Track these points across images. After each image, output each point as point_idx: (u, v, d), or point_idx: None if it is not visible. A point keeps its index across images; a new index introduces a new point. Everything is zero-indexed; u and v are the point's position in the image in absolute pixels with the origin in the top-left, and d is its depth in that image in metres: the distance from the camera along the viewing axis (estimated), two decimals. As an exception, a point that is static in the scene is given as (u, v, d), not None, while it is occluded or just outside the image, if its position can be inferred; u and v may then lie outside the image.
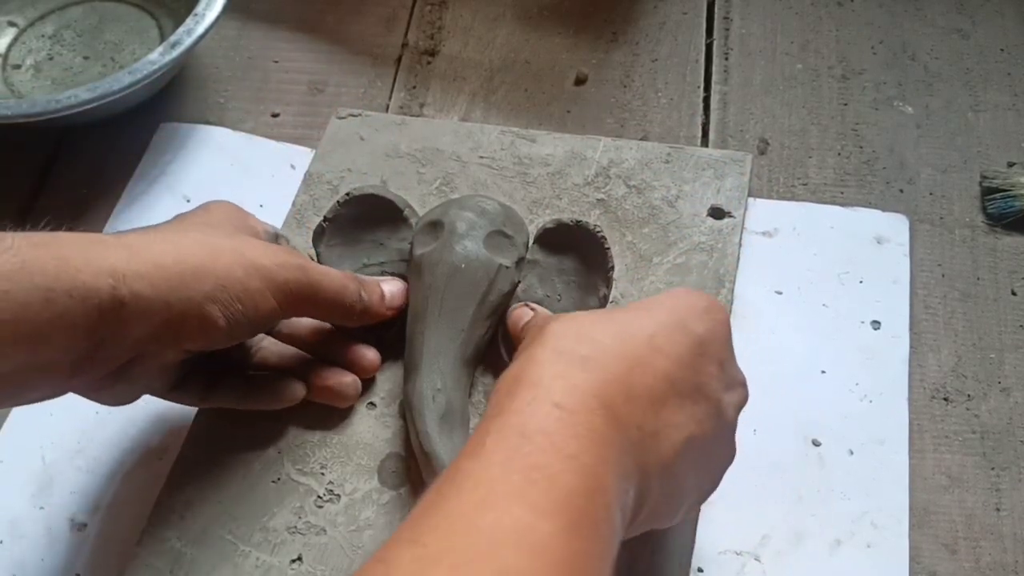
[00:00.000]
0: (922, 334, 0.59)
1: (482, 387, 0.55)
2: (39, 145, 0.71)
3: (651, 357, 0.40)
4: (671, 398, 0.40)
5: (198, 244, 0.46)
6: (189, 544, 0.50)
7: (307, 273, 0.48)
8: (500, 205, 0.56)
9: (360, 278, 0.52)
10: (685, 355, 0.40)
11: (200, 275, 0.45)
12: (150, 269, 0.43)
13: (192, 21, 0.67)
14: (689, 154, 0.64)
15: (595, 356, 0.39)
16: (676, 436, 0.39)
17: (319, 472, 0.52)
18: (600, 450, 0.36)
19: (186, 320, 0.45)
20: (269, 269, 0.47)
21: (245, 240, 0.48)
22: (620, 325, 0.41)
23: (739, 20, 0.76)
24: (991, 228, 0.64)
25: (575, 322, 0.41)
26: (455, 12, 0.78)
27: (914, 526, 0.52)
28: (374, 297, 0.52)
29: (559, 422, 0.36)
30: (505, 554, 0.31)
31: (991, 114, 0.70)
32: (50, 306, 0.41)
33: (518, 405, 0.37)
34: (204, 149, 0.69)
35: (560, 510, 0.33)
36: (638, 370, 0.39)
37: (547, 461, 0.34)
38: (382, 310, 0.53)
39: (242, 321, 0.46)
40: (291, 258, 0.49)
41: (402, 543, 0.33)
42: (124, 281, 0.42)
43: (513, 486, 0.33)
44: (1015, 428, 0.56)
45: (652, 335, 0.40)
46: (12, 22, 0.76)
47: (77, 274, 0.41)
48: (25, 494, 0.54)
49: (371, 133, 0.66)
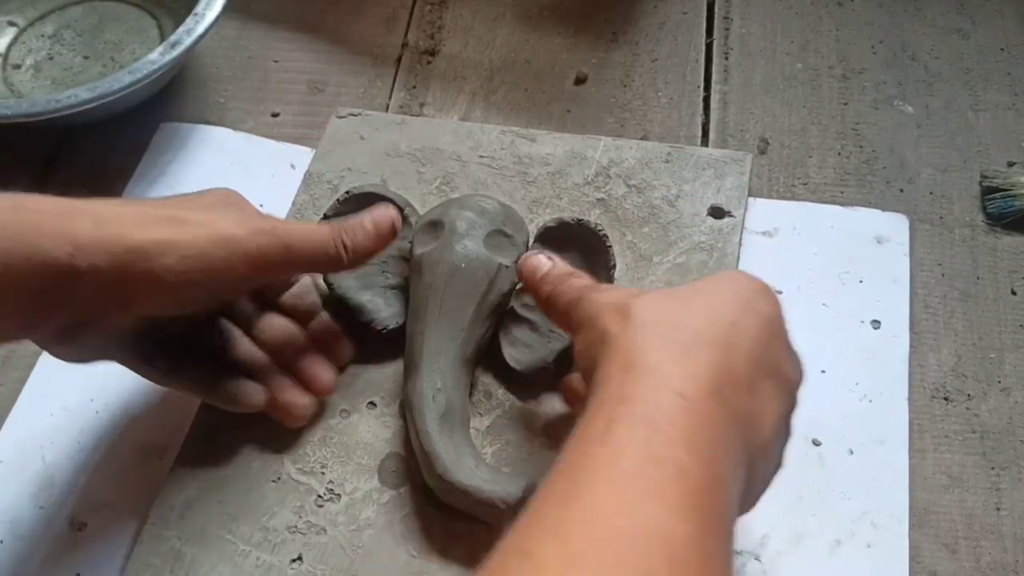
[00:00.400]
0: (922, 334, 0.59)
1: (482, 387, 0.55)
2: (39, 145, 0.71)
3: (738, 341, 0.40)
4: (760, 380, 0.40)
5: (166, 217, 0.46)
6: (189, 544, 0.50)
7: (279, 236, 0.48)
8: (500, 204, 0.56)
9: (341, 224, 0.51)
10: (762, 336, 0.41)
11: (163, 248, 0.44)
12: (112, 240, 0.43)
13: (192, 21, 0.67)
14: (689, 154, 0.64)
15: (696, 343, 0.39)
16: (770, 418, 0.40)
17: (319, 471, 0.52)
18: (719, 440, 0.37)
19: (139, 288, 0.45)
20: (238, 237, 0.46)
21: (215, 210, 0.47)
22: (703, 309, 0.41)
23: (739, 20, 0.76)
24: (991, 228, 0.64)
25: (661, 306, 0.42)
26: (455, 12, 0.78)
27: (914, 526, 0.52)
28: (359, 236, 0.50)
29: (684, 411, 0.36)
30: (646, 558, 0.32)
31: (991, 114, 0.70)
32: (8, 269, 0.41)
33: (641, 391, 0.37)
34: (204, 149, 0.69)
35: (693, 508, 0.34)
36: (733, 355, 0.40)
37: (677, 454, 0.35)
38: (371, 243, 0.51)
39: (199, 292, 0.47)
40: (262, 222, 0.48)
41: (545, 535, 0.33)
42: (84, 252, 0.43)
43: (648, 481, 0.34)
44: (1015, 428, 0.56)
45: (733, 320, 0.41)
46: (12, 22, 0.75)
47: (40, 239, 0.42)
48: (25, 494, 0.54)
49: (371, 133, 0.66)
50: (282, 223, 0.50)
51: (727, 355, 0.39)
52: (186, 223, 0.46)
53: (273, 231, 0.47)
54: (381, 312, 0.55)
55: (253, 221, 0.48)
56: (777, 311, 0.43)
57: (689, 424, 0.36)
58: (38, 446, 0.56)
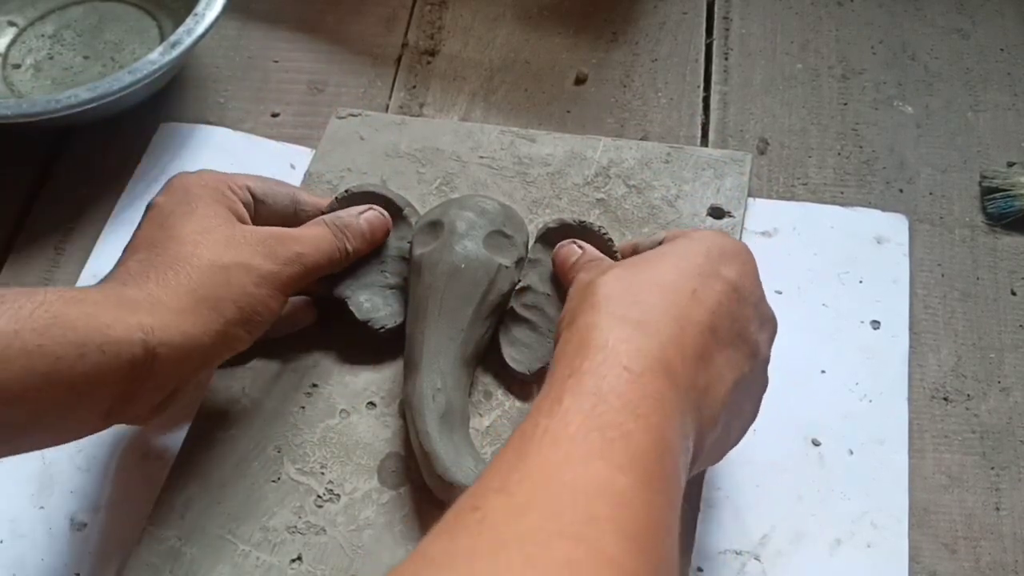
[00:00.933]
0: (922, 334, 0.59)
1: (482, 387, 0.55)
2: (39, 145, 0.71)
3: (696, 312, 0.42)
4: (716, 350, 0.42)
5: (208, 273, 0.47)
6: (189, 544, 0.50)
7: (304, 261, 0.51)
8: (500, 205, 0.56)
9: (342, 224, 0.54)
10: (724, 304, 0.43)
11: (219, 306, 0.47)
12: (175, 317, 0.45)
13: (192, 21, 0.67)
14: (689, 154, 0.64)
15: (649, 320, 0.41)
16: (722, 388, 0.42)
17: (319, 472, 0.52)
18: (665, 411, 0.38)
19: (216, 348, 0.47)
20: (275, 273, 0.49)
21: (243, 245, 0.49)
22: (663, 283, 0.43)
23: (739, 20, 0.76)
24: (991, 228, 0.64)
25: (621, 283, 0.43)
26: (455, 12, 0.78)
27: (914, 526, 0.52)
28: (357, 241, 0.54)
29: (629, 384, 0.38)
30: (590, 504, 0.34)
31: (991, 114, 0.70)
32: (83, 361, 0.42)
33: (589, 366, 0.39)
34: (204, 149, 0.69)
35: (635, 465, 0.36)
36: (687, 329, 0.41)
37: (621, 420, 0.37)
38: (366, 248, 0.55)
39: (261, 326, 0.49)
40: (287, 250, 0.51)
41: (490, 492, 0.35)
42: (154, 333, 0.44)
43: (592, 444, 0.36)
44: (1015, 428, 0.56)
45: (693, 290, 0.42)
46: (12, 22, 0.76)
47: (108, 330, 0.43)
48: (25, 494, 0.54)
49: (371, 133, 0.66)
50: (297, 240, 0.52)
51: (680, 331, 0.41)
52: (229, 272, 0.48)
53: (299, 259, 0.51)
54: (379, 312, 0.55)
55: (276, 249, 0.50)
56: (746, 272, 0.45)
57: (635, 395, 0.38)
58: (38, 446, 0.56)
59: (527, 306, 0.54)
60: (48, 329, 0.41)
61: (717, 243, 0.45)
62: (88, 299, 0.44)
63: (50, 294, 0.43)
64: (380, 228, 0.56)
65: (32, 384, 0.41)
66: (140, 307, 0.45)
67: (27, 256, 0.65)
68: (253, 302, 0.48)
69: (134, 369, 0.44)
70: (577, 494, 0.34)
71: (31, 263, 0.64)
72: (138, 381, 0.44)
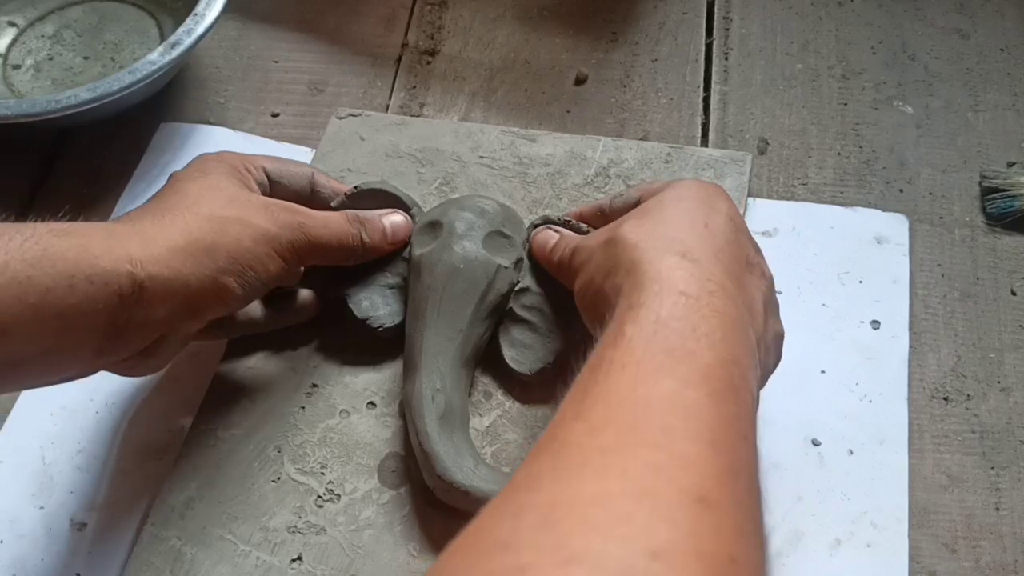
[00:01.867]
0: (922, 334, 0.59)
1: (482, 387, 0.55)
2: (39, 145, 0.71)
3: (717, 242, 0.44)
4: (743, 272, 0.44)
5: (206, 220, 0.48)
6: (189, 543, 0.50)
7: (307, 230, 0.51)
8: (499, 205, 0.56)
9: (361, 217, 0.55)
10: (731, 233, 0.45)
11: (212, 251, 0.47)
12: (164, 253, 0.45)
13: (192, 21, 0.67)
14: (689, 154, 0.64)
15: (687, 250, 0.43)
16: (760, 302, 0.45)
17: (319, 472, 0.52)
18: (726, 327, 0.40)
19: (205, 295, 0.47)
20: (273, 233, 0.49)
21: (247, 205, 0.50)
22: (679, 219, 0.45)
23: (739, 20, 0.76)
24: (991, 228, 0.64)
25: (643, 227, 0.45)
26: (455, 12, 0.78)
27: (914, 526, 0.52)
28: (376, 236, 0.55)
29: (687, 307, 0.40)
30: (662, 417, 0.35)
31: (991, 114, 0.70)
32: (72, 292, 0.42)
33: (646, 297, 0.40)
34: (204, 149, 0.69)
35: (703, 380, 0.37)
36: (719, 254, 0.43)
37: (683, 342, 0.38)
38: (385, 246, 0.55)
39: (256, 285, 0.49)
40: (291, 217, 0.51)
41: (567, 421, 0.36)
42: (142, 266, 0.44)
43: (658, 364, 0.37)
44: (1015, 428, 0.56)
45: (705, 222, 0.45)
46: (12, 22, 0.76)
47: (97, 261, 0.43)
48: (25, 494, 0.54)
49: (371, 133, 0.66)
50: (303, 213, 0.52)
51: (717, 255, 0.43)
52: (226, 223, 0.48)
53: (301, 227, 0.51)
54: (378, 311, 0.55)
55: (278, 214, 0.50)
56: (731, 205, 0.47)
57: (694, 317, 0.39)
58: (38, 446, 0.56)
59: (526, 307, 0.54)
60: (38, 261, 0.42)
61: (698, 184, 0.48)
62: (78, 232, 0.44)
63: (40, 227, 0.43)
64: (402, 229, 0.56)
65: (23, 316, 0.41)
66: (130, 240, 0.45)
67: (27, 256, 0.65)
68: (248, 256, 0.48)
69: (121, 300, 0.44)
70: (650, 409, 0.35)
71: (31, 263, 0.64)
72: (126, 313, 0.44)
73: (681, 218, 0.45)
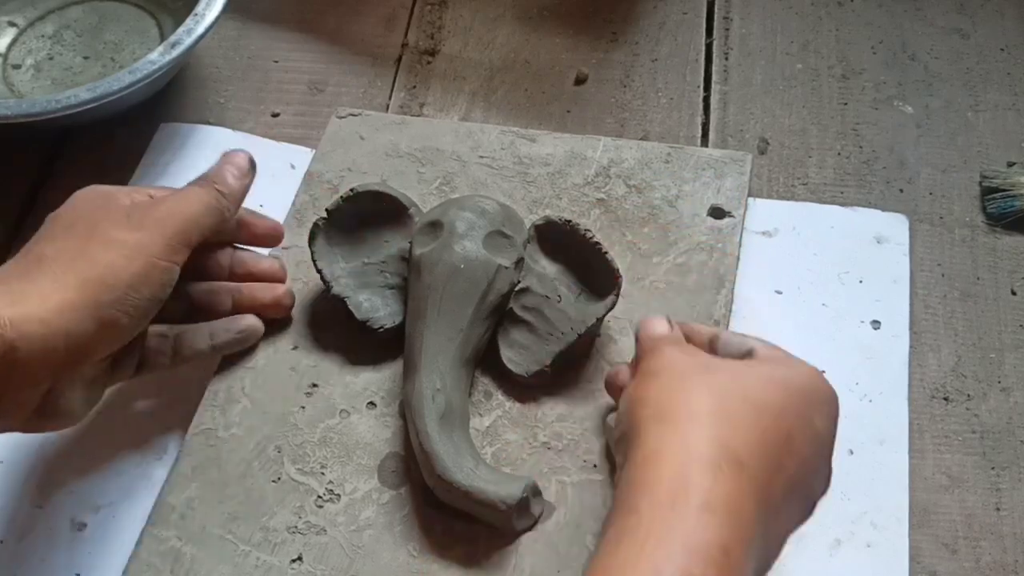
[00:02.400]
0: (922, 334, 0.59)
1: (482, 387, 0.55)
2: (39, 145, 0.71)
3: (787, 460, 0.39)
4: (791, 501, 0.40)
5: (70, 259, 0.45)
6: (189, 543, 0.50)
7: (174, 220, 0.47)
8: (500, 205, 0.56)
9: (207, 176, 0.51)
10: (809, 457, 0.40)
11: (84, 288, 0.44)
12: (35, 307, 0.43)
13: (192, 21, 0.67)
14: (689, 154, 0.64)
15: (747, 459, 0.38)
16: (778, 543, 0.40)
17: (319, 472, 0.52)
18: None
19: (88, 337, 0.44)
20: (142, 241, 0.46)
21: (106, 223, 0.46)
22: (764, 412, 0.40)
23: (739, 20, 0.76)
24: (991, 228, 0.64)
25: (721, 394, 0.40)
26: (455, 12, 0.78)
27: (914, 526, 0.52)
28: (229, 182, 0.51)
29: (720, 571, 0.35)
30: None
31: (991, 114, 0.70)
32: None
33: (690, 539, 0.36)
34: (204, 149, 0.69)
35: None
36: (776, 475, 0.39)
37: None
38: (242, 183, 0.52)
39: (143, 304, 0.46)
40: (150, 214, 0.47)
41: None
42: (11, 325, 0.41)
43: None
44: (1015, 428, 0.56)
45: (790, 433, 0.40)
46: (12, 22, 0.75)
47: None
48: (25, 494, 0.54)
49: (371, 133, 0.66)
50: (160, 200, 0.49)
51: (771, 475, 0.38)
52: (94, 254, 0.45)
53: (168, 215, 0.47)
54: (379, 312, 0.55)
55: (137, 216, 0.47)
56: (832, 426, 0.42)
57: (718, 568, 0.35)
58: (38, 446, 0.56)
59: (526, 308, 0.54)
60: None
61: (815, 384, 0.42)
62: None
63: None
64: (242, 160, 0.53)
65: None
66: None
67: (27, 256, 0.65)
68: (126, 277, 0.45)
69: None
70: None
71: (31, 263, 0.64)
72: (2, 378, 0.42)
73: (768, 412, 0.40)
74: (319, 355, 0.56)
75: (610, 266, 0.53)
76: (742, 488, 0.37)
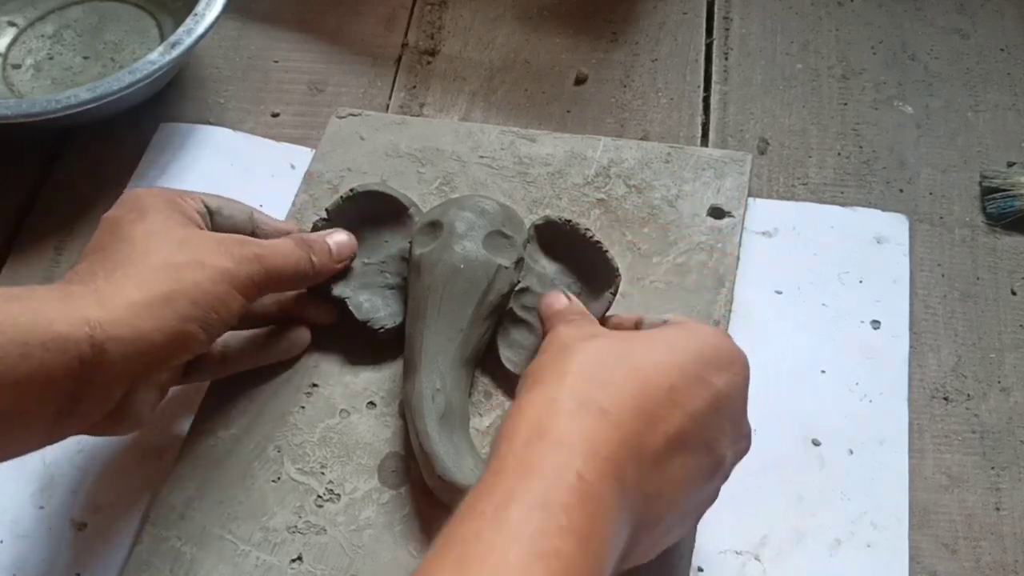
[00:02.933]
0: (922, 334, 0.59)
1: (482, 387, 0.55)
2: (39, 145, 0.71)
3: (668, 412, 0.40)
4: (679, 454, 0.40)
5: (161, 270, 0.46)
6: (189, 543, 0.50)
7: (263, 262, 0.50)
8: (500, 205, 0.56)
9: (307, 240, 0.54)
10: (701, 410, 0.41)
11: (172, 301, 0.45)
12: (123, 311, 0.44)
13: (192, 21, 0.67)
14: (689, 154, 0.64)
15: (615, 409, 0.39)
16: (674, 495, 0.40)
17: (319, 472, 0.52)
18: (608, 528, 0.36)
19: (168, 346, 0.46)
20: (232, 271, 0.48)
21: (199, 245, 0.48)
22: (642, 369, 0.41)
23: (739, 20, 0.76)
24: (991, 228, 0.64)
25: (599, 357, 0.41)
26: (455, 12, 0.78)
27: (914, 526, 0.52)
28: (323, 257, 0.54)
29: (581, 498, 0.36)
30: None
31: (991, 114, 0.70)
32: (26, 359, 0.41)
33: (542, 465, 0.37)
34: (204, 149, 0.69)
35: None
36: (652, 427, 0.39)
37: (565, 546, 0.35)
38: (332, 266, 0.55)
39: (218, 326, 0.48)
40: (246, 250, 0.50)
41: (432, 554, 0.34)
42: (101, 328, 0.43)
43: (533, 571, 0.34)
44: (1015, 428, 0.56)
45: (672, 386, 0.40)
46: (12, 22, 0.75)
47: (51, 326, 0.42)
48: (25, 494, 0.54)
49: (371, 133, 0.66)
50: (256, 244, 0.51)
51: (648, 428, 0.39)
52: (182, 269, 0.46)
53: (257, 259, 0.50)
54: (379, 312, 0.55)
55: (233, 249, 0.49)
56: (736, 385, 0.42)
57: (583, 514, 0.36)
58: (38, 446, 0.56)
59: (526, 307, 0.54)
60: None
61: (713, 344, 0.43)
62: (32, 296, 0.43)
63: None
64: (346, 247, 0.55)
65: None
66: (86, 301, 0.44)
67: (27, 256, 0.65)
68: (209, 299, 0.47)
69: (81, 366, 0.42)
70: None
71: (31, 263, 0.64)
72: (86, 379, 0.43)
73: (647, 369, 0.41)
74: (319, 355, 0.56)
75: (610, 264, 0.53)
76: (603, 430, 0.38)
